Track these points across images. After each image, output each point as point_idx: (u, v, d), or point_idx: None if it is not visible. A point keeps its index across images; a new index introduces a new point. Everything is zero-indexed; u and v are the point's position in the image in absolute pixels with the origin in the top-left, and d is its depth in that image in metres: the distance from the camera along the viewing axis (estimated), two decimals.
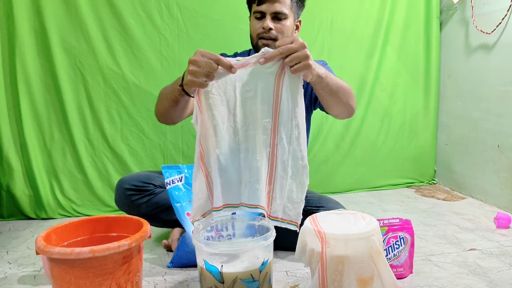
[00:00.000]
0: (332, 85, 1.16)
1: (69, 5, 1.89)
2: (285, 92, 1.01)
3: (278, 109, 1.02)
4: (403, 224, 1.22)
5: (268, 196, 1.06)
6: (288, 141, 1.04)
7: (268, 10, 1.38)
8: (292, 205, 1.06)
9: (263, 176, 1.04)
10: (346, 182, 2.32)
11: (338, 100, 1.22)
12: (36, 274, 1.33)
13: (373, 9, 2.24)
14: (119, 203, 1.47)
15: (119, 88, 1.98)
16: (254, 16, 1.41)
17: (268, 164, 1.05)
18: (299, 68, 0.97)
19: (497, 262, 1.34)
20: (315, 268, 1.01)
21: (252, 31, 1.45)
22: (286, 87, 1.01)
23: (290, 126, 1.03)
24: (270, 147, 1.04)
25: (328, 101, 1.22)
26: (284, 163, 1.04)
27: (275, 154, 1.04)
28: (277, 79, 1.01)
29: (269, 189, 1.06)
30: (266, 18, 1.39)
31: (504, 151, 1.92)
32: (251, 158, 1.05)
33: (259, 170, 1.04)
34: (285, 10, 1.38)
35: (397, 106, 2.36)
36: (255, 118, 1.04)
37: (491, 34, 1.94)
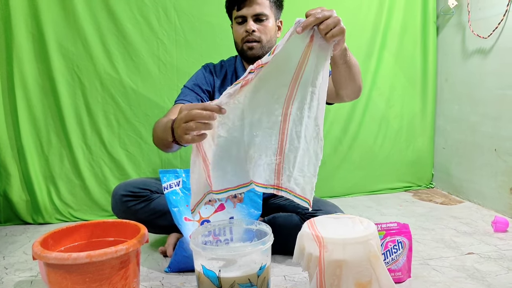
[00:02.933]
0: (352, 59, 1.14)
1: (66, 10, 1.89)
2: (311, 63, 0.95)
3: (298, 79, 0.96)
4: (401, 228, 1.22)
5: (279, 167, 1.01)
6: (307, 114, 0.98)
7: (248, 13, 1.41)
8: (303, 178, 1.00)
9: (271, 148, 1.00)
10: (344, 186, 2.32)
11: (352, 77, 1.20)
12: (33, 280, 1.32)
13: (370, 13, 2.25)
14: (116, 209, 1.46)
15: (116, 92, 1.98)
16: (236, 21, 1.45)
17: (279, 134, 1.00)
18: (335, 32, 0.91)
19: (495, 266, 1.34)
20: (313, 272, 1.01)
21: (236, 37, 1.48)
22: (313, 58, 0.94)
23: (310, 97, 0.97)
24: (281, 117, 0.99)
25: (345, 76, 1.18)
26: (297, 133, 0.99)
27: (287, 124, 0.99)
28: (305, 51, 0.94)
29: (280, 160, 1.01)
30: (248, 21, 1.42)
31: (501, 155, 1.93)
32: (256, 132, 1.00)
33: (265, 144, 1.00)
34: (265, 11, 1.42)
35: (395, 110, 2.36)
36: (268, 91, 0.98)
37: (488, 39, 1.95)
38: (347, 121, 2.28)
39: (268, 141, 1.00)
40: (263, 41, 1.45)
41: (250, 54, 1.46)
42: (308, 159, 1.00)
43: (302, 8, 1.50)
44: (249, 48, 1.46)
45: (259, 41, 1.45)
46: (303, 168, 1.00)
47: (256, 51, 1.45)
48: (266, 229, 1.10)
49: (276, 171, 1.01)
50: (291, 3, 2.10)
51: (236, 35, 1.48)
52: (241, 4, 1.42)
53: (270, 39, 1.47)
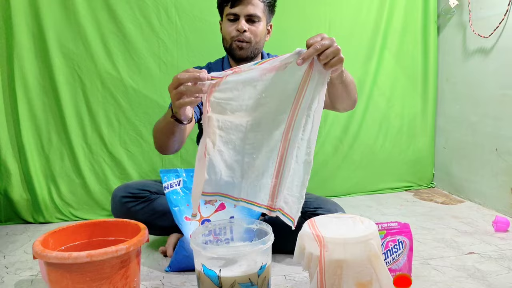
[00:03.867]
0: (348, 77, 1.18)
1: (67, 9, 1.89)
2: (310, 88, 0.98)
3: (298, 105, 1.00)
4: (402, 227, 1.22)
5: (274, 189, 1.04)
6: (301, 136, 1.01)
7: (241, 12, 1.40)
8: (291, 197, 1.03)
9: (268, 171, 1.03)
10: (344, 186, 2.32)
11: (348, 93, 1.23)
12: (33, 279, 1.33)
13: (371, 13, 2.24)
14: (116, 211, 1.46)
15: (117, 92, 1.98)
16: (227, 18, 1.43)
17: (277, 158, 1.03)
18: (334, 63, 0.95)
19: (496, 265, 1.34)
20: (313, 272, 1.01)
21: (225, 34, 1.46)
22: (312, 83, 0.98)
23: (305, 121, 1.00)
24: (281, 142, 1.02)
25: (342, 94, 1.22)
26: (292, 157, 1.02)
27: (286, 148, 1.02)
28: (304, 78, 0.98)
29: (275, 182, 1.03)
30: (240, 20, 1.41)
31: (502, 154, 1.92)
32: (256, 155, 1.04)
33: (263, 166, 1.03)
34: (258, 13, 1.41)
35: (395, 110, 2.36)
36: (269, 117, 1.02)
37: (489, 38, 1.95)
38: (347, 120, 2.28)
39: (266, 164, 1.03)
40: (252, 42, 1.44)
41: (238, 54, 1.45)
42: (297, 179, 1.02)
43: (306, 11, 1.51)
44: (239, 48, 1.44)
45: (249, 42, 1.43)
46: (292, 188, 1.03)
47: (245, 52, 1.44)
48: (267, 228, 1.10)
49: (271, 193, 1.04)
50: (293, 4, 2.10)
51: (226, 32, 1.46)
52: (236, 1, 1.40)
53: (259, 41, 1.46)
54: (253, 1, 1.40)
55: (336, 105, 1.32)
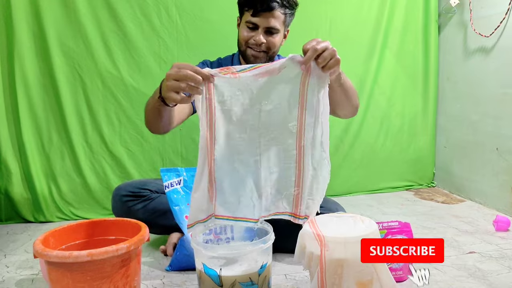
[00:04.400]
0: (347, 82, 1.20)
1: (68, 8, 1.89)
2: (311, 93, 1.01)
3: (304, 111, 1.02)
4: (402, 227, 1.22)
5: (297, 198, 1.07)
6: (313, 141, 1.04)
7: (262, 24, 1.38)
8: (313, 202, 1.07)
9: (289, 183, 1.06)
10: (345, 185, 2.32)
11: (348, 99, 1.25)
12: (34, 278, 1.33)
13: (372, 12, 2.24)
14: (116, 210, 1.46)
15: (117, 91, 1.98)
16: (246, 25, 1.41)
17: (296, 167, 1.05)
18: (331, 64, 0.97)
19: (497, 265, 1.34)
20: (314, 271, 1.01)
21: (241, 38, 1.45)
22: (312, 88, 1.01)
23: (314, 125, 1.04)
24: (296, 150, 1.05)
25: (341, 99, 1.24)
26: (310, 164, 1.05)
27: (302, 156, 1.05)
28: (302, 82, 1.00)
29: (297, 191, 1.06)
30: (259, 32, 1.39)
31: (502, 153, 1.92)
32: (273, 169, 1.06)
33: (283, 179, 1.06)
34: (277, 26, 1.39)
35: (396, 109, 2.36)
36: (278, 126, 1.04)
37: (490, 37, 1.94)
38: (348, 120, 2.27)
39: (286, 176, 1.06)
40: (269, 52, 1.44)
41: (252, 61, 1.44)
42: (316, 184, 1.07)
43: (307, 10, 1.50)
44: (254, 56, 1.43)
45: (265, 52, 1.43)
46: (312, 192, 1.07)
47: (260, 60, 1.43)
48: (267, 227, 1.10)
49: (294, 201, 1.07)
50: None
51: (242, 37, 1.44)
52: (259, 12, 1.36)
53: (275, 50, 1.46)
54: (275, 13, 1.37)
55: (337, 111, 1.32)
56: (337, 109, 1.31)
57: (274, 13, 1.36)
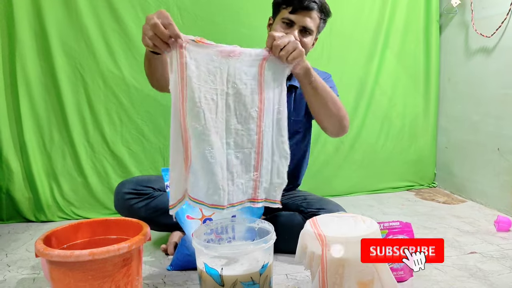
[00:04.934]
0: (321, 85, 1.22)
1: (69, 7, 1.89)
2: (268, 79, 1.08)
3: (263, 97, 1.08)
4: (403, 227, 1.22)
5: (255, 182, 1.11)
6: (271, 127, 1.10)
7: (299, 21, 1.35)
8: (276, 186, 1.13)
9: (250, 166, 1.09)
10: (346, 185, 2.32)
11: (325, 105, 1.27)
12: (35, 277, 1.33)
13: (373, 13, 2.24)
14: (118, 207, 1.46)
15: (119, 90, 1.98)
16: (282, 21, 1.37)
17: (255, 152, 1.09)
18: (295, 55, 1.06)
19: (498, 265, 1.34)
20: (315, 271, 1.01)
21: None
22: (269, 74, 1.08)
23: (273, 112, 1.10)
24: (256, 135, 1.08)
25: (315, 102, 1.26)
26: (269, 148, 1.10)
27: (261, 140, 1.09)
28: (259, 69, 1.07)
29: (256, 176, 1.10)
30: (294, 29, 1.36)
31: (504, 154, 1.92)
32: (237, 153, 1.08)
33: (245, 162, 1.09)
34: (312, 27, 1.37)
35: (397, 109, 2.36)
36: (242, 110, 1.07)
37: (491, 38, 1.94)
38: (349, 120, 2.26)
39: (248, 159, 1.09)
40: None
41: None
42: (276, 168, 1.12)
43: None
44: None
45: None
46: (276, 177, 1.13)
47: None
48: (268, 227, 1.10)
49: (253, 186, 1.12)
50: None
51: None
52: (298, 10, 1.34)
53: (306, 51, 1.39)
54: (313, 14, 1.36)
55: (318, 123, 1.35)
56: (317, 120, 1.34)
57: (311, 13, 1.35)
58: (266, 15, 2.08)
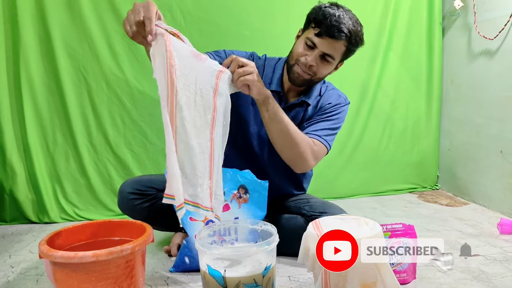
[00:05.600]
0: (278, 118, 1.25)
1: (73, 10, 1.90)
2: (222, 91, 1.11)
3: (216, 106, 1.10)
4: (406, 229, 1.21)
5: (211, 190, 1.08)
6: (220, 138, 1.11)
7: (321, 47, 1.32)
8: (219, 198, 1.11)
9: (207, 172, 1.07)
10: (348, 187, 2.32)
11: (281, 139, 1.29)
12: (38, 278, 1.33)
13: (376, 15, 2.24)
14: (122, 206, 1.47)
15: (122, 93, 1.98)
16: (305, 41, 1.34)
17: (209, 158, 1.08)
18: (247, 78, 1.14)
19: (501, 268, 1.33)
20: (318, 273, 1.01)
21: (295, 52, 1.38)
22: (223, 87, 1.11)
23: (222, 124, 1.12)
24: (210, 141, 1.08)
25: (270, 133, 1.30)
26: (219, 156, 1.11)
27: (213, 148, 1.09)
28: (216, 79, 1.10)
29: (211, 184, 1.08)
30: (314, 53, 1.32)
31: (507, 156, 1.92)
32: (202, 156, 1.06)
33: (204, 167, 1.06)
34: (335, 55, 1.34)
35: (400, 111, 2.36)
36: (203, 114, 1.08)
37: (494, 40, 1.94)
38: (352, 122, 2.27)
39: (206, 165, 1.07)
40: (313, 77, 1.38)
41: (294, 77, 1.39)
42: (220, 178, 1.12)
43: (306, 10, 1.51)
44: (297, 73, 1.37)
45: (310, 75, 1.37)
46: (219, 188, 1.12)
47: (301, 81, 1.39)
48: (271, 229, 1.10)
49: (210, 195, 1.08)
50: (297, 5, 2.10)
51: (296, 52, 1.37)
52: (324, 34, 1.30)
53: (321, 78, 1.42)
54: (338, 43, 1.32)
55: (277, 149, 1.34)
56: (277, 150, 1.34)
57: (338, 42, 1.32)
58: (267, 17, 2.09)
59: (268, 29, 2.09)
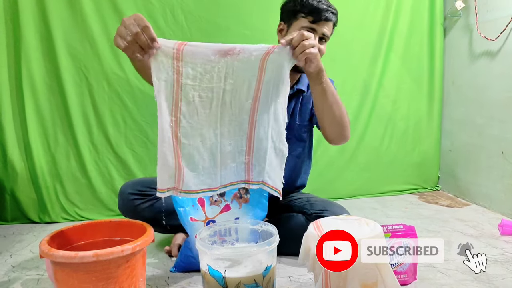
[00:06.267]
0: (330, 89, 1.25)
1: (74, 9, 1.90)
2: (269, 73, 1.11)
3: (260, 89, 1.12)
4: (407, 230, 1.21)
5: (248, 165, 1.18)
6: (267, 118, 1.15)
7: (319, 30, 1.37)
8: (274, 172, 1.17)
9: (241, 151, 1.17)
10: (349, 188, 2.32)
11: (331, 111, 1.29)
12: (39, 278, 1.33)
13: (377, 15, 2.24)
14: (123, 208, 1.47)
15: (123, 92, 1.99)
16: (302, 29, 1.35)
17: (247, 138, 1.16)
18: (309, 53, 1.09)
19: (502, 269, 1.33)
20: (318, 273, 1.01)
21: None
22: (271, 69, 1.10)
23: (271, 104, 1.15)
24: (248, 124, 1.15)
25: (322, 104, 1.28)
26: (263, 134, 1.15)
27: (254, 128, 1.16)
28: (260, 64, 1.09)
29: (248, 159, 1.17)
30: (316, 37, 1.35)
31: (508, 157, 1.92)
32: (229, 141, 1.15)
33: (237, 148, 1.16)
34: (329, 34, 1.41)
35: (401, 112, 2.36)
36: (237, 104, 1.13)
37: (495, 41, 1.94)
38: (353, 122, 2.27)
39: (239, 146, 1.17)
40: None
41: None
42: (275, 155, 1.17)
43: None
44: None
45: None
46: (272, 163, 1.16)
47: None
48: (272, 229, 1.10)
49: (246, 169, 1.19)
50: None
51: None
52: (320, 20, 1.35)
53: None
54: (331, 23, 1.39)
55: (321, 127, 1.37)
56: (320, 122, 1.35)
57: (331, 22, 1.39)
58: (268, 17, 2.08)
59: (269, 28, 2.07)
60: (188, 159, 1.11)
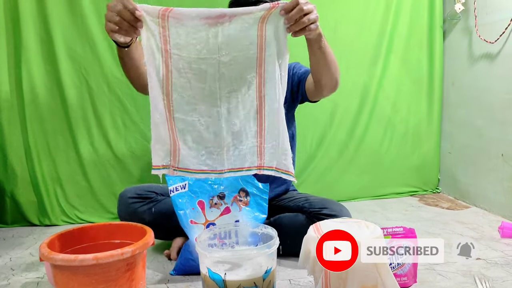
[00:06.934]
0: (327, 48, 1.22)
1: (74, 13, 1.90)
2: (270, 42, 1.01)
3: (263, 61, 1.02)
4: (407, 232, 1.21)
5: (260, 149, 1.07)
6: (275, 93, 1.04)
7: None
8: (285, 156, 1.07)
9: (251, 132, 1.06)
10: (349, 190, 2.31)
11: (328, 64, 1.26)
12: (39, 281, 1.33)
13: (377, 17, 2.24)
14: (122, 213, 1.47)
15: (123, 95, 1.99)
16: None
17: (257, 117, 1.06)
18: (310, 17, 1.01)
19: (502, 272, 1.33)
20: (318, 276, 1.01)
21: None
22: (270, 37, 1.00)
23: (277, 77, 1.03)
24: (256, 100, 1.05)
25: (322, 64, 1.25)
26: (274, 113, 1.05)
27: (263, 105, 1.05)
28: (259, 31, 1.00)
29: (260, 142, 1.07)
30: None
31: (508, 160, 1.92)
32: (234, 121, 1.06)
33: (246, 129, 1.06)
34: None
35: (401, 114, 2.36)
36: (237, 78, 1.04)
37: (495, 44, 1.94)
38: (352, 125, 2.27)
39: (248, 127, 1.07)
40: None
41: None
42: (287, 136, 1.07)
43: None
44: None
45: None
46: (284, 144, 1.07)
47: None
48: (272, 232, 1.10)
49: (258, 153, 1.08)
50: None
51: None
52: None
53: None
54: None
55: (318, 80, 1.33)
56: (318, 78, 1.32)
57: None
58: None
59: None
60: (184, 135, 1.05)
